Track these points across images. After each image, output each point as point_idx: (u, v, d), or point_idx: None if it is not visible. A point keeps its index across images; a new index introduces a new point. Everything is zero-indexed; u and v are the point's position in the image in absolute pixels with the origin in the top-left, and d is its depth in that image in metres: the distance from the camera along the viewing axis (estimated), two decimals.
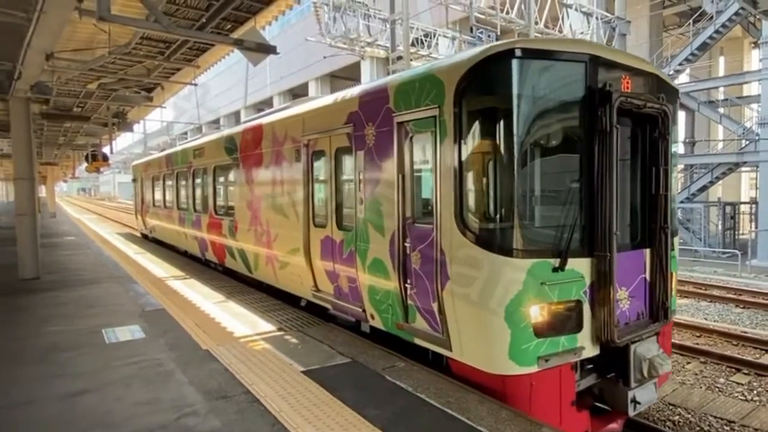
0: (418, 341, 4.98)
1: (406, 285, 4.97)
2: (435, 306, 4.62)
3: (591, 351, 4.45)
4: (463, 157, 4.30)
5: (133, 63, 11.48)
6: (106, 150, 21.66)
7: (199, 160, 11.37)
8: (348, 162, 5.96)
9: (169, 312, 7.26)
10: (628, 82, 4.63)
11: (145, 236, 18.94)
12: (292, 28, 34.54)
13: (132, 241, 17.87)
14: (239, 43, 7.40)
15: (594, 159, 4.35)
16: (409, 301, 4.98)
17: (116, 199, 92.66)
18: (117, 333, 6.20)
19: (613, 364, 4.70)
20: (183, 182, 12.72)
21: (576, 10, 21.94)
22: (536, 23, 19.10)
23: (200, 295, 8.41)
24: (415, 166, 4.95)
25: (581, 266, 4.33)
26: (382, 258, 5.24)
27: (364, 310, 5.74)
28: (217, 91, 48.78)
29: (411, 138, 4.91)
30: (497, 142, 4.26)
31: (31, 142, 10.70)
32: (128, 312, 7.30)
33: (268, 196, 7.82)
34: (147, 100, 14.75)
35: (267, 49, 7.40)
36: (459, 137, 4.30)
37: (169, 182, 14.03)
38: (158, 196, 15.45)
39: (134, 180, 19.38)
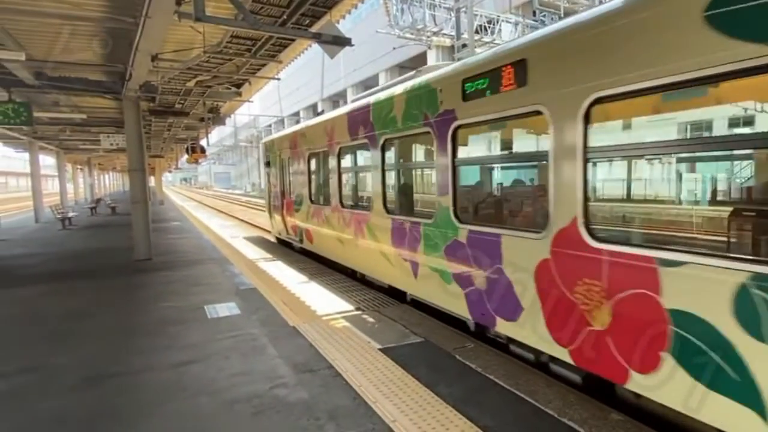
0: None
1: None
2: None
3: None
4: None
5: (224, 61, 12.35)
6: (203, 143, 23.50)
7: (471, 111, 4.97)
8: None
9: (259, 291, 7.90)
10: None
11: (283, 242, 13.45)
12: (363, 22, 35.07)
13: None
14: (318, 37, 7.72)
15: None
16: None
17: (212, 188, 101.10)
18: (217, 309, 6.88)
19: None
20: (391, 163, 7.30)
21: None
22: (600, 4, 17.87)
23: (286, 276, 9.05)
24: None
25: None
26: None
27: None
28: (297, 86, 50.92)
29: None
30: None
31: (142, 137, 11.92)
32: (226, 290, 8.04)
33: None
34: (236, 95, 15.78)
35: (343, 42, 7.65)
36: None
37: (345, 164, 8.65)
38: (319, 185, 10.00)
39: (267, 164, 13.97)
